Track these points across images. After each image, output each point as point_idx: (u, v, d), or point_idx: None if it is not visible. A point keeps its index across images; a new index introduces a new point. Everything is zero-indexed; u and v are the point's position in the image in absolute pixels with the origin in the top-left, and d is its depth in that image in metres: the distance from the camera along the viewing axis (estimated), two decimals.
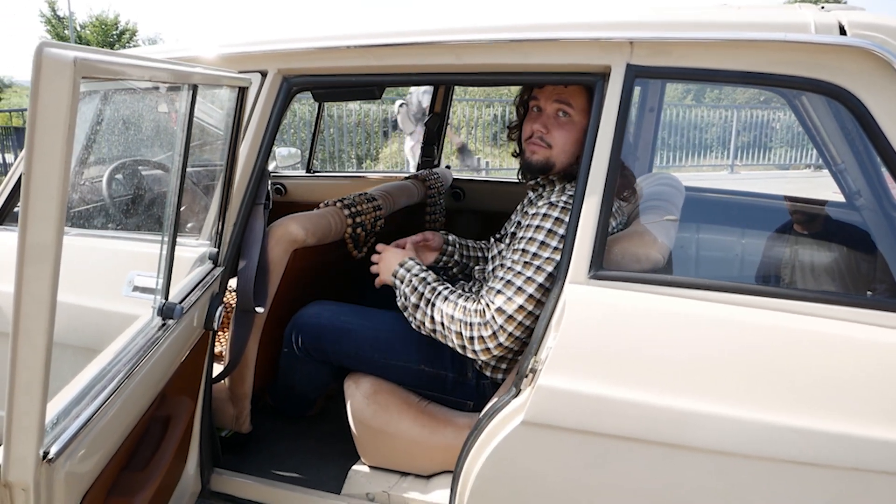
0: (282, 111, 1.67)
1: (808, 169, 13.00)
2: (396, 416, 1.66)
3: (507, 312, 1.46)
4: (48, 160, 0.63)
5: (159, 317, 1.16)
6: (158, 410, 1.20)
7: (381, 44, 1.54)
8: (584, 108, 1.57)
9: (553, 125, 1.60)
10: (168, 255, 1.13)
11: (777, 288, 1.30)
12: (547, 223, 1.49)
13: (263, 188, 1.73)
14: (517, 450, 1.35)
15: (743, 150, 13.04)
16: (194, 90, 1.06)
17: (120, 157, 2.43)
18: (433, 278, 1.64)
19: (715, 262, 1.87)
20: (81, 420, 0.84)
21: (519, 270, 1.47)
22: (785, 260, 1.62)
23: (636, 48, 1.35)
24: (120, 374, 0.96)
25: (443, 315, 1.54)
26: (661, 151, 12.10)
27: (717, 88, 13.06)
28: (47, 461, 0.77)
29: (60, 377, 1.00)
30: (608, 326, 1.30)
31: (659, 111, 2.42)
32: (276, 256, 1.77)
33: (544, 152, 1.61)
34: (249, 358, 1.84)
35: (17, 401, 0.71)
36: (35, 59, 0.59)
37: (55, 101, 0.60)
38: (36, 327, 0.71)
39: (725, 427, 1.20)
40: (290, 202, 3.27)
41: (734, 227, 1.99)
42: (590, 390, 1.26)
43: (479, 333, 1.48)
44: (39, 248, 0.67)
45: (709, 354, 1.23)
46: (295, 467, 1.85)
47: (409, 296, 1.61)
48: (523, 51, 1.43)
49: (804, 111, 1.88)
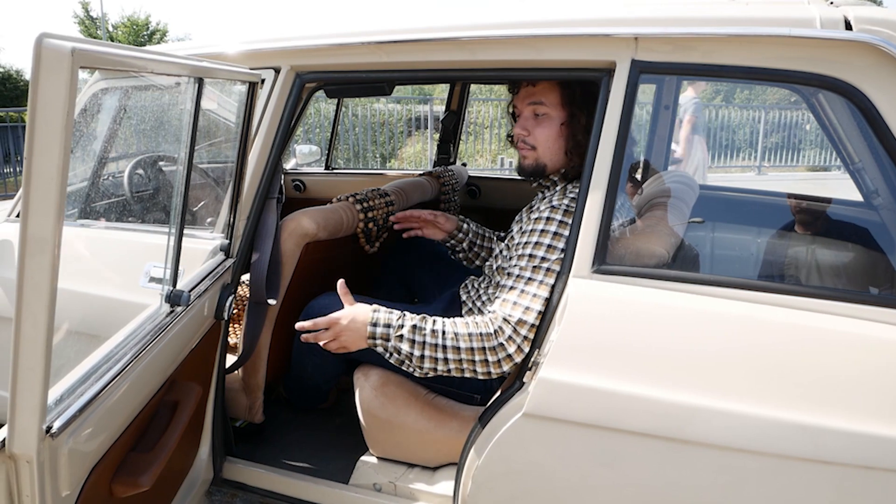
0: (295, 107, 1.70)
1: (837, 171, 12.76)
2: (404, 408, 1.68)
3: (529, 322, 1.42)
4: (47, 152, 0.65)
5: (167, 304, 1.19)
6: (167, 395, 1.24)
7: (393, 40, 1.56)
8: (556, 103, 1.59)
9: (532, 126, 1.62)
10: (175, 244, 1.17)
11: (782, 284, 1.29)
12: (551, 226, 1.49)
13: (276, 182, 1.76)
14: (518, 442, 1.36)
15: (771, 152, 12.85)
16: (200, 83, 1.09)
17: (141, 152, 2.50)
18: (419, 318, 1.50)
19: (722, 259, 1.87)
20: (86, 398, 0.88)
21: (530, 277, 1.46)
22: (792, 257, 1.61)
23: (641, 43, 1.35)
24: (126, 357, 1.00)
25: (460, 351, 1.44)
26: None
27: (747, 88, 12.89)
28: (50, 435, 0.81)
29: (78, 363, 1.04)
30: (610, 320, 1.30)
31: (674, 109, 2.40)
32: (289, 249, 1.80)
33: (531, 154, 1.63)
34: (262, 349, 1.87)
35: (20, 378, 0.75)
36: (34, 50, 0.61)
37: (53, 91, 0.63)
38: (38, 312, 0.74)
39: (728, 423, 1.20)
40: (308, 198, 3.32)
41: (743, 225, 1.98)
42: (591, 383, 1.27)
43: (505, 354, 1.43)
44: (39, 241, 0.70)
45: (712, 349, 1.24)
46: (305, 458, 1.88)
47: (406, 349, 1.47)
48: (537, 46, 1.44)
49: (821, 109, 1.86)
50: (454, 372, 1.48)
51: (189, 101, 1.09)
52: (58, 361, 1.24)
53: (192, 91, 1.08)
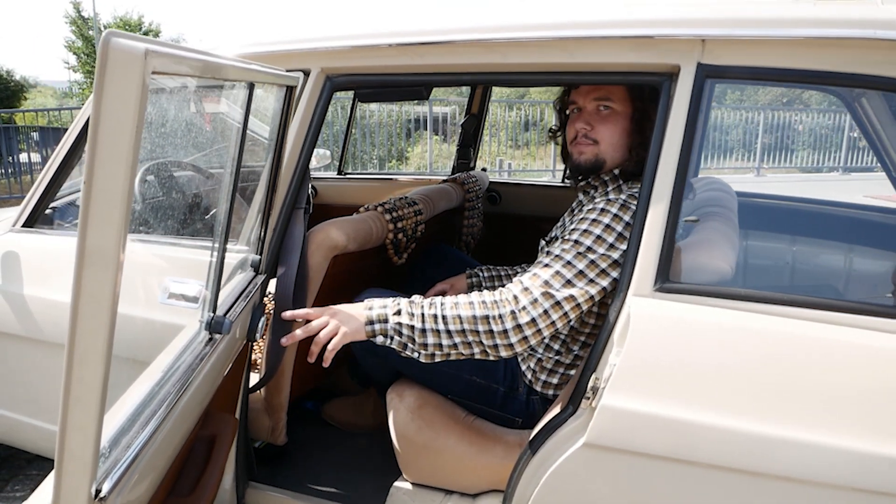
0: (324, 111, 1.60)
1: (835, 172, 12.78)
2: (443, 433, 1.58)
3: (556, 297, 1.32)
4: (112, 161, 0.56)
5: (206, 331, 1.09)
6: (203, 429, 1.14)
7: (423, 41, 1.47)
8: (623, 98, 1.51)
9: (596, 121, 1.53)
10: (217, 265, 1.06)
11: (869, 304, 1.20)
12: (605, 218, 1.40)
13: (304, 192, 1.66)
14: (578, 473, 1.27)
15: (769, 153, 12.83)
16: (251, 88, 0.99)
17: (150, 158, 2.38)
18: (418, 298, 1.42)
19: (791, 275, 1.78)
20: (134, 450, 0.77)
21: (569, 260, 1.36)
22: (873, 272, 1.52)
23: (709, 46, 1.26)
24: (170, 396, 0.89)
25: (461, 321, 1.33)
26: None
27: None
28: (99, 500, 0.70)
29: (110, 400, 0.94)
30: (679, 343, 1.21)
31: (707, 112, 2.32)
32: (316, 263, 1.70)
33: (592, 150, 1.54)
34: (286, 367, 1.77)
35: (70, 422, 0.64)
36: (101, 49, 0.52)
37: (122, 97, 0.53)
38: (94, 339, 0.64)
39: (812, 455, 1.11)
40: (320, 204, 3.22)
41: (808, 237, 1.89)
42: (659, 412, 1.18)
43: (514, 324, 1.31)
44: (100, 253, 0.60)
45: (793, 376, 1.15)
46: (332, 482, 1.78)
47: (406, 322, 1.36)
48: (591, 49, 1.35)
49: (863, 113, 1.79)
50: (462, 348, 1.35)
51: (240, 109, 0.98)
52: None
53: (243, 97, 0.98)
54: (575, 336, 1.57)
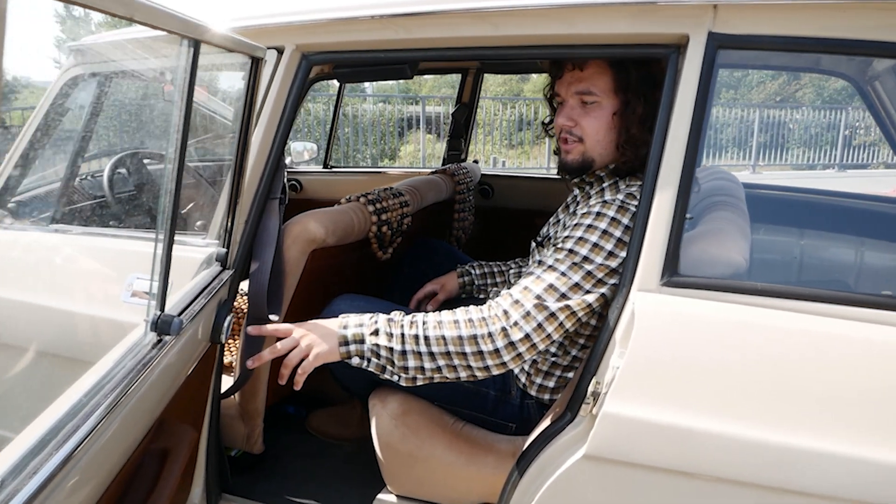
0: (300, 93, 1.47)
1: (831, 170, 12.72)
2: (429, 441, 1.45)
3: (551, 309, 1.22)
4: None
5: (153, 332, 0.95)
6: (155, 442, 1.00)
7: (408, 12, 1.34)
8: (608, 89, 1.36)
9: (579, 115, 1.39)
10: (164, 256, 0.92)
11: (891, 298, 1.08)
12: (601, 223, 1.27)
13: (279, 181, 1.53)
14: (578, 487, 1.14)
15: (764, 150, 12.75)
16: (196, 48, 0.85)
17: (123, 149, 2.25)
18: (398, 315, 1.31)
19: (815, 268, 1.64)
20: (41, 477, 0.63)
21: (563, 271, 1.25)
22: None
23: (721, 13, 1.14)
24: (100, 409, 0.75)
25: (445, 342, 1.23)
26: None
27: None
28: None
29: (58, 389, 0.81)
30: (689, 343, 1.09)
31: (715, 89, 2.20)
32: (293, 258, 1.57)
33: (578, 149, 1.41)
34: (262, 371, 1.64)
35: None
36: None
37: None
38: None
39: (839, 469, 0.98)
40: (306, 199, 3.09)
41: (826, 230, 1.76)
42: (668, 420, 1.05)
43: (506, 342, 1.21)
44: None
45: (823, 380, 1.02)
46: (312, 494, 1.65)
47: (384, 344, 1.26)
48: (582, 18, 1.22)
49: (876, 97, 1.67)
50: (446, 371, 1.25)
51: (182, 74, 0.84)
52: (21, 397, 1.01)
53: (185, 59, 0.83)
54: (573, 337, 1.45)
